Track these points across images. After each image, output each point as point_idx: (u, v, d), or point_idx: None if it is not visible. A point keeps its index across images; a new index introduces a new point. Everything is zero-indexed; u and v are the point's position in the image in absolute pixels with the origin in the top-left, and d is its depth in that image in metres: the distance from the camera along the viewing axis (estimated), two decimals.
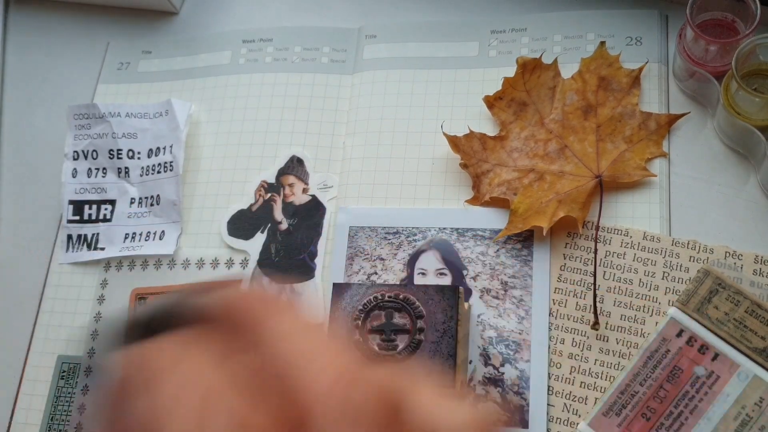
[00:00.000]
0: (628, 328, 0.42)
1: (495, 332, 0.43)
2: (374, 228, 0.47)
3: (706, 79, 0.45)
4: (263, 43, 0.55)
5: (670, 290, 0.42)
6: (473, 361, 0.43)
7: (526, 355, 0.42)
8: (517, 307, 0.43)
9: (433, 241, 0.46)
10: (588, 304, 0.43)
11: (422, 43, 0.52)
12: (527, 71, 0.47)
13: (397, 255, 0.46)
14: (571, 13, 0.50)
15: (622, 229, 0.44)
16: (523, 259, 0.44)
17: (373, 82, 0.52)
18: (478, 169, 0.47)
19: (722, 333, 0.40)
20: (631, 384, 0.40)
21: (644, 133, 0.45)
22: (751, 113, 0.43)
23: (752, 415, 0.38)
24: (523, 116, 0.47)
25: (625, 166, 0.45)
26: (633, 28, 0.49)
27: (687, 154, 0.46)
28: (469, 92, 0.50)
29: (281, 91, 0.53)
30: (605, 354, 0.42)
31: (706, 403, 0.39)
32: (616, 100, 0.46)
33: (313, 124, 0.52)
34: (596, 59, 0.47)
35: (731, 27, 0.45)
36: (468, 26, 0.52)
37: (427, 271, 0.45)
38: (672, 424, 0.39)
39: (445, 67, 0.51)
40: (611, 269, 0.43)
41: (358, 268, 0.46)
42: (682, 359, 0.40)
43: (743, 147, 0.45)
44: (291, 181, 0.50)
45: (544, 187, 0.45)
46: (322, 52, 0.54)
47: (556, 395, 0.41)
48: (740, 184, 0.45)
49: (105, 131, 0.52)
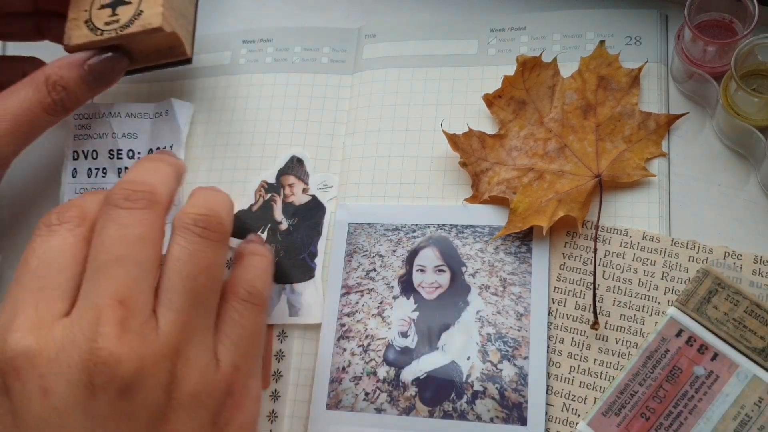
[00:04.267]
0: (627, 327, 0.42)
1: (494, 329, 0.43)
2: (373, 225, 0.47)
3: (704, 80, 0.45)
4: (263, 44, 0.55)
5: (670, 290, 0.42)
6: (471, 358, 0.43)
7: (524, 352, 0.42)
8: (516, 304, 0.43)
9: (432, 237, 0.46)
10: (587, 304, 0.43)
11: (421, 42, 0.52)
12: (527, 70, 0.48)
13: (396, 252, 0.46)
14: (571, 12, 0.51)
15: (621, 229, 0.44)
16: (522, 256, 0.44)
17: (372, 82, 0.52)
18: (477, 168, 0.47)
19: (721, 333, 0.40)
20: (631, 384, 0.40)
21: (643, 133, 0.45)
22: (751, 113, 0.43)
23: (751, 415, 0.38)
24: (522, 115, 0.47)
25: (624, 166, 0.45)
26: (632, 27, 0.49)
27: (687, 154, 0.46)
28: (468, 90, 0.50)
29: (281, 91, 0.53)
30: (605, 354, 0.42)
31: (705, 403, 0.39)
32: (615, 99, 0.46)
33: (314, 124, 0.52)
34: (596, 58, 0.47)
35: (729, 28, 0.45)
36: (467, 24, 0.52)
37: (425, 268, 0.45)
38: (671, 423, 0.39)
39: (444, 65, 0.51)
40: (611, 269, 0.43)
41: (357, 265, 0.46)
42: (682, 359, 0.40)
43: (743, 147, 0.45)
44: (291, 182, 0.50)
45: (544, 186, 0.45)
46: (323, 53, 0.54)
47: (555, 395, 0.41)
48: (740, 184, 0.45)
49: (105, 131, 0.52)
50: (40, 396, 0.28)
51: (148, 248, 0.31)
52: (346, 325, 0.45)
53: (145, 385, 0.29)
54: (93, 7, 0.47)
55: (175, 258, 0.32)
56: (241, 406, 0.33)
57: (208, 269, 0.33)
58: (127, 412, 0.29)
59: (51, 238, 0.32)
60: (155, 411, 0.29)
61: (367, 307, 0.45)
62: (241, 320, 0.35)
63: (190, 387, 0.31)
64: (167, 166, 0.37)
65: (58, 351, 0.28)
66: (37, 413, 0.28)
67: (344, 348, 0.45)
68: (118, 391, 0.28)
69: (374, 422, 0.43)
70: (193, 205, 0.35)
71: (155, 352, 0.30)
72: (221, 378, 0.33)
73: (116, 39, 0.45)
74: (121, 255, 0.31)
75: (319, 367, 0.45)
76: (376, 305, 0.45)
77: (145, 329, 0.30)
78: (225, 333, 0.34)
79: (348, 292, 0.46)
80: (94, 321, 0.29)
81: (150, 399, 0.29)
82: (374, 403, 0.43)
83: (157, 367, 0.30)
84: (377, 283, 0.46)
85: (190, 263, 0.32)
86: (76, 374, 0.28)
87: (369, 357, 0.44)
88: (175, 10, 0.47)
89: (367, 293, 0.46)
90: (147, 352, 0.29)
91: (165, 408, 0.30)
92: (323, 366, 0.44)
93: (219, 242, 0.34)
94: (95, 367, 0.28)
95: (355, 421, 0.43)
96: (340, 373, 0.44)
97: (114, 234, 0.31)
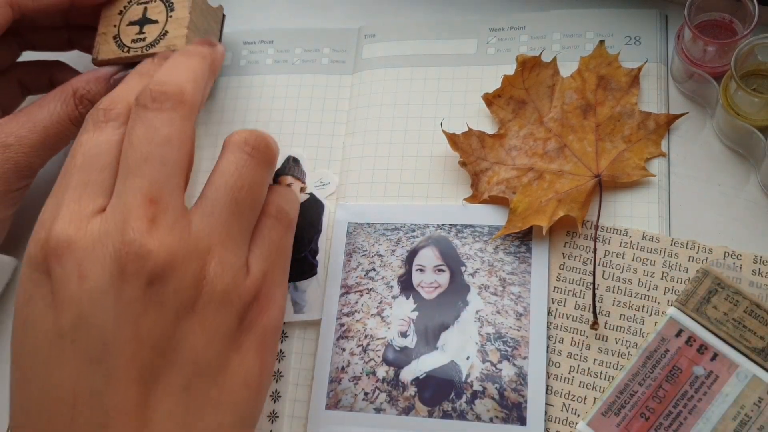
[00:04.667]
0: (627, 327, 0.42)
1: (493, 328, 0.43)
2: (372, 224, 0.47)
3: (704, 80, 0.45)
4: (264, 45, 0.55)
5: (669, 290, 0.42)
6: (470, 357, 0.42)
7: (524, 352, 0.42)
8: (515, 304, 0.43)
9: (431, 237, 0.46)
10: (587, 304, 0.43)
11: (420, 41, 0.52)
12: (526, 69, 0.48)
13: (396, 251, 0.46)
14: (570, 11, 0.51)
15: (621, 229, 0.44)
16: (521, 256, 0.44)
17: (372, 81, 0.52)
18: (476, 167, 0.47)
19: (721, 333, 0.40)
20: (630, 384, 0.40)
21: (643, 133, 0.45)
22: (751, 113, 0.43)
23: (751, 415, 0.38)
24: (522, 114, 0.47)
25: (624, 166, 0.45)
26: (632, 27, 0.49)
27: (686, 154, 0.46)
28: (468, 90, 0.50)
29: (282, 92, 0.53)
30: (604, 354, 0.42)
31: (705, 403, 0.39)
32: (615, 99, 0.46)
33: (314, 125, 0.52)
34: (595, 58, 0.47)
35: (729, 28, 0.45)
36: (466, 24, 0.52)
37: (425, 268, 0.45)
38: (671, 423, 0.39)
39: (443, 64, 0.51)
40: (610, 269, 0.43)
41: (356, 265, 0.46)
42: (681, 359, 0.40)
43: (743, 147, 0.45)
44: (289, 182, 0.50)
45: (544, 186, 0.45)
46: (323, 53, 0.54)
47: (555, 395, 0.41)
48: (740, 184, 0.45)
49: None
50: (77, 280, 0.31)
51: (175, 149, 0.34)
52: (345, 325, 0.45)
53: (174, 277, 0.32)
54: (122, 23, 0.49)
55: (222, 170, 0.36)
56: (265, 311, 0.36)
57: (252, 186, 0.36)
58: (156, 300, 0.31)
59: (97, 135, 0.35)
60: (184, 303, 0.32)
61: (366, 306, 0.45)
62: (270, 235, 0.38)
63: (222, 286, 0.33)
64: (200, 60, 0.39)
65: (94, 242, 0.32)
66: (73, 294, 0.31)
67: (343, 348, 0.45)
68: (148, 280, 0.31)
69: (373, 422, 0.42)
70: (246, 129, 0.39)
71: (186, 248, 0.32)
72: (250, 283, 0.35)
73: (141, 56, 0.47)
74: (148, 155, 0.33)
75: (318, 366, 0.45)
76: (376, 305, 0.45)
77: (177, 227, 0.32)
78: (256, 244, 0.37)
79: (347, 292, 0.46)
80: (126, 216, 0.32)
81: (180, 291, 0.32)
82: (373, 403, 0.43)
83: (188, 262, 0.32)
84: (376, 283, 0.46)
85: (235, 175, 0.35)
86: (109, 263, 0.31)
87: (368, 357, 0.44)
88: (200, 29, 0.49)
89: (366, 293, 0.45)
90: (177, 247, 0.32)
91: (194, 302, 0.32)
92: (322, 366, 0.44)
93: (265, 163, 0.37)
94: (126, 256, 0.31)
95: (354, 421, 0.43)
96: (339, 373, 0.44)
97: (141, 135, 0.34)
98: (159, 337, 0.32)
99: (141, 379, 0.31)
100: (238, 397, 0.34)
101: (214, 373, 0.33)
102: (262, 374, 0.35)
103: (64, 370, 0.31)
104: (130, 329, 0.31)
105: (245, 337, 0.35)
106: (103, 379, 0.31)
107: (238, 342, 0.34)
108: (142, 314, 0.31)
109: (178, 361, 0.32)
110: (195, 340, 0.33)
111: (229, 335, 0.34)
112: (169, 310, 0.32)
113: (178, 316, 0.32)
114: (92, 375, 0.31)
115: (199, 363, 0.33)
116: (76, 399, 0.31)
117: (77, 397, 0.31)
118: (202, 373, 0.33)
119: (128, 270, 0.31)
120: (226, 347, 0.34)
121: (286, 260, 0.39)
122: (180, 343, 0.32)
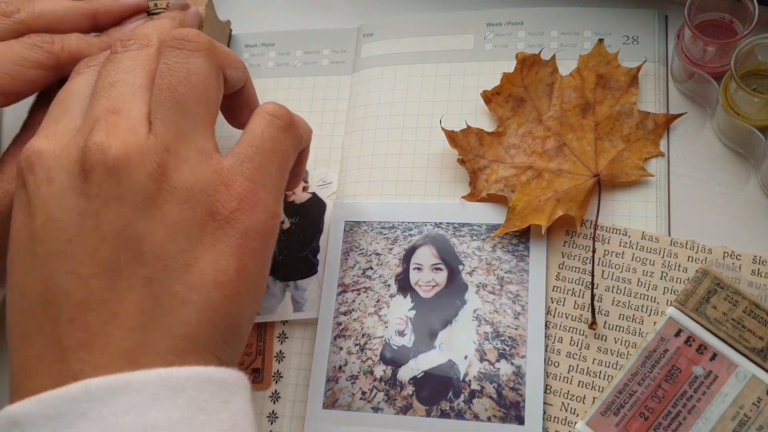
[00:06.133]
0: (626, 327, 0.42)
1: (491, 327, 0.43)
2: (370, 223, 0.47)
3: (704, 80, 0.45)
4: (265, 48, 0.55)
5: (669, 290, 0.42)
6: (468, 356, 0.42)
7: (522, 351, 0.42)
8: (513, 303, 0.43)
9: (429, 236, 0.46)
10: (586, 303, 0.43)
11: (417, 38, 0.52)
12: (525, 67, 0.47)
13: (393, 250, 0.46)
14: (568, 8, 0.50)
15: (620, 229, 0.44)
16: (519, 255, 0.44)
17: (370, 80, 0.52)
18: (475, 165, 0.47)
19: (720, 333, 0.40)
20: (629, 383, 0.40)
21: (642, 133, 0.45)
22: (751, 113, 0.43)
23: (750, 415, 0.38)
24: (520, 112, 0.47)
25: (623, 166, 0.45)
26: (630, 26, 0.49)
27: (686, 154, 0.46)
28: (465, 86, 0.50)
29: (283, 95, 0.53)
30: (603, 353, 0.42)
31: (704, 403, 0.39)
32: (614, 98, 0.46)
33: (314, 125, 0.52)
34: (594, 56, 0.47)
35: (729, 28, 0.45)
36: (463, 19, 0.52)
37: (422, 266, 0.45)
38: (670, 423, 0.38)
39: (441, 61, 0.51)
40: (609, 268, 0.43)
41: (353, 263, 0.46)
42: (681, 359, 0.40)
43: (743, 147, 0.45)
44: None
45: (542, 184, 0.45)
46: (323, 55, 0.54)
47: (554, 394, 0.41)
48: (740, 184, 0.44)
49: None
50: (46, 184, 0.33)
51: (139, 74, 0.36)
52: (342, 324, 0.45)
53: (132, 171, 0.33)
54: None
55: (158, 76, 0.36)
56: (248, 212, 0.35)
57: (188, 79, 0.36)
58: (115, 193, 0.33)
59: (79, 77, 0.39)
60: (144, 196, 0.33)
61: (363, 305, 0.45)
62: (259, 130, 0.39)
63: (180, 180, 0.34)
64: (169, 20, 0.43)
65: (62, 150, 0.34)
66: (43, 198, 0.33)
67: (341, 347, 0.44)
68: (106, 172, 0.33)
69: (371, 421, 0.42)
70: (172, 28, 0.40)
71: (143, 144, 0.33)
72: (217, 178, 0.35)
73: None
74: (114, 80, 0.36)
75: (316, 366, 0.44)
76: (373, 304, 0.45)
77: (136, 128, 0.34)
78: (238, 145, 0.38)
79: (344, 291, 0.46)
80: (91, 126, 0.34)
81: (138, 185, 0.33)
82: (371, 402, 0.43)
83: (144, 157, 0.33)
84: (374, 282, 0.45)
85: (168, 75, 0.36)
86: (73, 165, 0.33)
87: (366, 356, 0.44)
88: None
89: (363, 292, 0.45)
90: (134, 143, 0.33)
91: (154, 195, 0.33)
92: (319, 365, 0.44)
93: (196, 51, 0.37)
94: (87, 153, 0.33)
95: (351, 420, 0.43)
96: (336, 372, 0.44)
97: (110, 68, 0.37)
98: (119, 231, 0.33)
99: (105, 273, 0.32)
100: (207, 296, 0.33)
101: (180, 269, 0.33)
102: (239, 277, 0.35)
103: (36, 271, 0.33)
104: (91, 224, 0.33)
105: (221, 235, 0.34)
106: (68, 276, 0.32)
107: (212, 238, 0.34)
108: (101, 209, 0.33)
109: (140, 255, 0.33)
110: (156, 234, 0.33)
111: (196, 231, 0.34)
112: (128, 203, 0.33)
113: (138, 209, 0.33)
114: (58, 272, 0.32)
115: (162, 258, 0.33)
116: (46, 297, 0.32)
117: (47, 295, 0.32)
118: (166, 267, 0.33)
119: (87, 166, 0.33)
120: (193, 242, 0.34)
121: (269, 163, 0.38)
122: (142, 238, 0.33)
